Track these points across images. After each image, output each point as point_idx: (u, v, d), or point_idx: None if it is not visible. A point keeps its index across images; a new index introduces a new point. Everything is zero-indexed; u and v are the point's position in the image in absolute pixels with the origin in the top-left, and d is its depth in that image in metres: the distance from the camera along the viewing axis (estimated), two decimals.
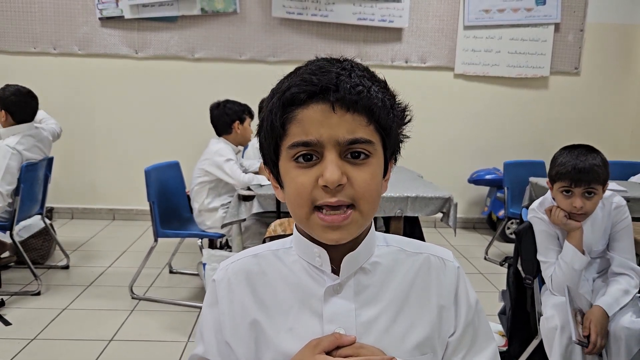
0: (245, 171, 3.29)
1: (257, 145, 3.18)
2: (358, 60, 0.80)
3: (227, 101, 3.24)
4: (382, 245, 0.86)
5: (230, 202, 3.14)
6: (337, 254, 0.80)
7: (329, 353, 0.77)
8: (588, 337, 1.78)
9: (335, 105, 0.72)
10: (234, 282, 0.86)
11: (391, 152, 0.80)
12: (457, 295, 0.85)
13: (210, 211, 3.13)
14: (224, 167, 3.04)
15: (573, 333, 1.76)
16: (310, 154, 0.74)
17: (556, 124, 5.06)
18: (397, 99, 0.79)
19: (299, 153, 0.74)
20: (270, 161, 0.80)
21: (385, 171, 0.81)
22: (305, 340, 0.79)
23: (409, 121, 0.81)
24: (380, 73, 0.81)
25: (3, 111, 3.11)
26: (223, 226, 2.93)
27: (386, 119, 0.75)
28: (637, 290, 1.93)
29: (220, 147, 3.11)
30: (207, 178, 3.12)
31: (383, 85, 0.78)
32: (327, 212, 0.73)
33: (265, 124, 0.78)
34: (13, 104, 3.10)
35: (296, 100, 0.73)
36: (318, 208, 0.74)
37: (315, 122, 0.72)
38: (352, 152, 0.74)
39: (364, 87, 0.73)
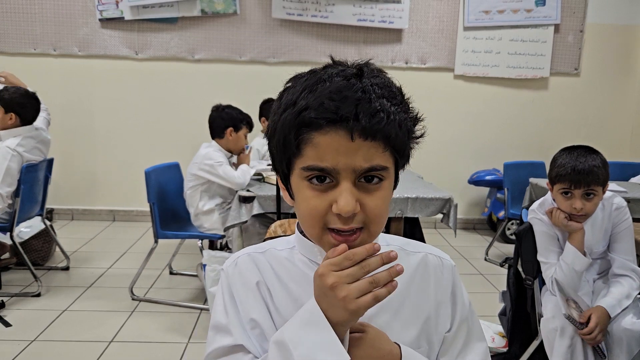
0: None
1: (258, 147, 3.16)
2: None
3: (227, 106, 3.19)
4: (383, 245, 0.87)
5: (224, 202, 3.15)
6: None
7: None
8: (586, 323, 1.80)
9: (354, 134, 0.72)
10: (244, 269, 0.86)
11: (402, 166, 0.82)
12: (453, 292, 0.89)
13: (206, 214, 3.13)
14: (217, 171, 3.03)
15: (562, 307, 1.80)
16: (324, 177, 0.74)
17: (556, 124, 5.06)
18: (410, 109, 0.79)
19: (313, 175, 0.74)
20: (282, 172, 0.81)
21: (396, 182, 0.83)
22: None
23: (422, 135, 0.81)
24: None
25: (12, 113, 3.08)
26: (226, 229, 2.93)
27: (402, 141, 0.76)
28: (638, 292, 1.93)
29: (209, 151, 3.09)
30: (198, 182, 3.11)
31: (400, 100, 0.77)
32: (339, 234, 0.75)
33: (277, 136, 0.77)
34: (21, 105, 3.09)
35: (314, 124, 0.72)
36: (330, 229, 0.76)
37: (332, 149, 0.72)
38: (366, 177, 0.75)
39: (384, 113, 0.72)
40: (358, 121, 0.71)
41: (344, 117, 0.71)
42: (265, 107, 4.02)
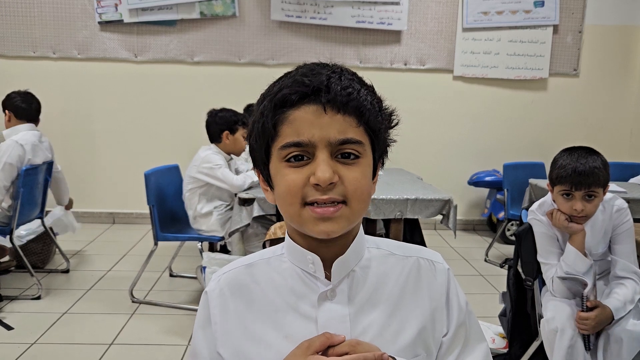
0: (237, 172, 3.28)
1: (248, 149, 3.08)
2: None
3: (221, 110, 3.18)
4: (373, 248, 0.87)
5: (222, 204, 3.15)
6: (328, 259, 0.81)
7: (323, 353, 0.77)
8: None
9: (327, 106, 0.74)
10: (227, 292, 0.85)
11: (379, 155, 0.82)
12: (448, 297, 0.87)
13: (204, 216, 3.12)
14: (215, 174, 3.02)
15: (587, 289, 1.83)
16: (302, 155, 0.75)
17: (555, 125, 5.07)
18: (384, 104, 0.81)
19: (291, 154, 0.75)
20: (261, 163, 0.81)
21: (374, 173, 0.82)
22: None
23: (396, 124, 0.83)
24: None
25: (7, 110, 3.27)
26: (230, 234, 2.93)
27: (375, 121, 0.77)
28: None
29: (207, 154, 3.09)
30: (196, 184, 3.11)
31: (371, 89, 0.80)
32: (318, 205, 0.74)
33: (256, 127, 0.79)
34: (13, 100, 3.28)
35: (288, 101, 0.74)
36: (309, 204, 0.75)
37: (306, 122, 0.74)
38: (342, 153, 0.75)
39: (354, 89, 0.75)
40: (329, 93, 0.73)
41: (315, 90, 0.74)
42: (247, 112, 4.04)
